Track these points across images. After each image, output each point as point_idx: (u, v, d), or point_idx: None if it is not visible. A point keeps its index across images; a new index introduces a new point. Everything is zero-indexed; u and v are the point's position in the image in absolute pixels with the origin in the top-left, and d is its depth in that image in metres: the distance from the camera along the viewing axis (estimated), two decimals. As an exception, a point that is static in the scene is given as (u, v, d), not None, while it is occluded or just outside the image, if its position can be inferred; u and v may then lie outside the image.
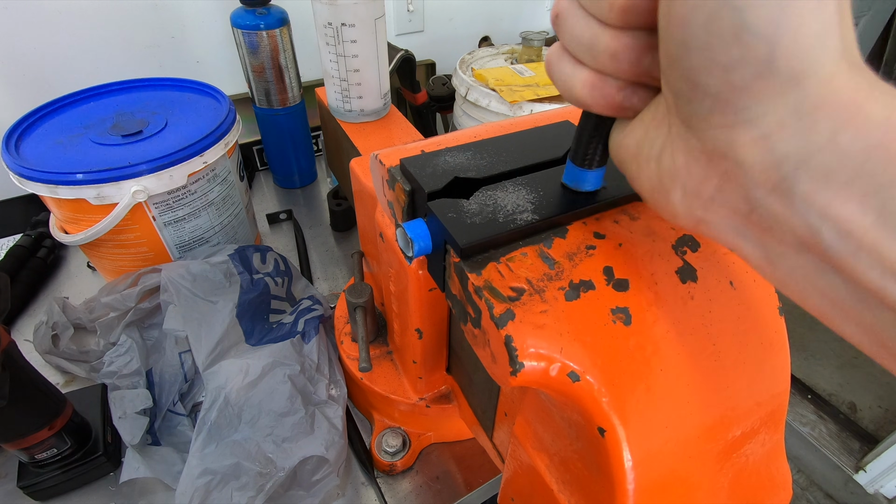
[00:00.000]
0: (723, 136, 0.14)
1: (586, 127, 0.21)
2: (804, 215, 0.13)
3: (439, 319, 0.36)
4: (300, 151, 0.78)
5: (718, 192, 0.15)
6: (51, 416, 0.39)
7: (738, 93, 0.13)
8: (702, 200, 0.15)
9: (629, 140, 0.18)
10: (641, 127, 0.17)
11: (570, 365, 0.19)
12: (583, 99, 0.18)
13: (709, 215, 0.15)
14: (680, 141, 0.15)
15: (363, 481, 0.44)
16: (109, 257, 0.53)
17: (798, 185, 0.13)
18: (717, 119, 0.14)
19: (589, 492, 0.22)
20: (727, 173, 0.14)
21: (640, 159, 0.17)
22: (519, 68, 0.74)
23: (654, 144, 0.16)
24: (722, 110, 0.13)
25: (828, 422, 1.36)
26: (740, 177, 0.14)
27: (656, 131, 0.16)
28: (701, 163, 0.15)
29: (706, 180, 0.15)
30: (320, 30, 0.51)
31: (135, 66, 0.73)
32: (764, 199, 0.13)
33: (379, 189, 0.30)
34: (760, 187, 0.13)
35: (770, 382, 0.22)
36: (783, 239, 0.14)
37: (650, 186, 0.17)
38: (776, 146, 0.13)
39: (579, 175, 0.23)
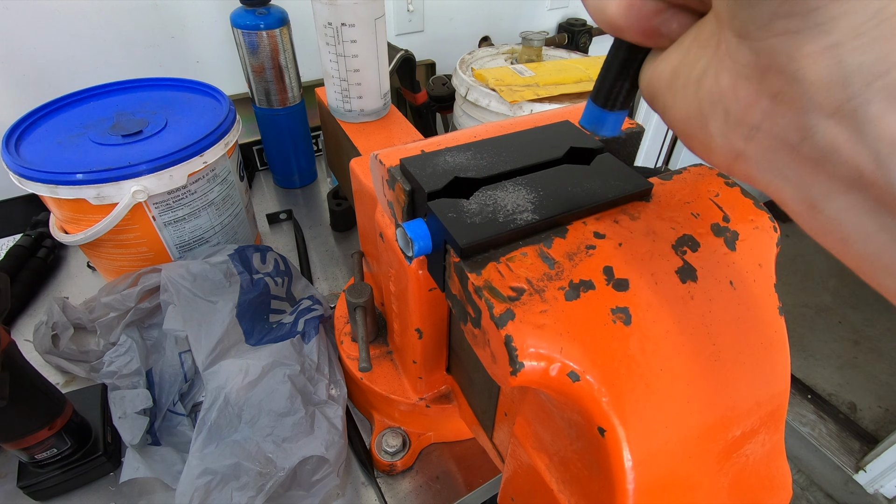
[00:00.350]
0: (784, 45, 0.12)
1: (616, 59, 0.19)
2: (871, 144, 0.11)
3: (439, 319, 0.36)
4: (300, 151, 0.78)
5: (767, 117, 0.13)
6: (51, 416, 0.39)
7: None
8: (745, 128, 0.13)
9: (664, 66, 0.16)
10: (681, 50, 0.15)
11: (570, 365, 0.19)
12: (616, 20, 0.16)
13: (750, 147, 0.14)
14: (728, 59, 0.13)
15: (363, 481, 0.44)
16: (109, 257, 0.53)
17: (867, 107, 0.11)
18: (780, 24, 0.12)
19: (589, 492, 0.22)
20: (781, 94, 0.12)
21: (676, 86, 0.15)
22: (519, 68, 0.74)
23: (694, 67, 0.15)
24: (788, 12, 0.11)
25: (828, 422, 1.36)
26: (797, 97, 0.12)
27: (699, 52, 0.15)
28: (752, 81, 0.13)
29: (755, 103, 0.13)
30: (320, 30, 0.51)
31: (135, 66, 0.73)
32: (821, 124, 0.12)
33: (379, 189, 0.30)
34: (820, 109, 0.12)
35: (770, 382, 0.22)
36: (836, 174, 0.12)
37: (686, 115, 0.15)
38: (847, 58, 0.11)
39: (599, 117, 0.21)
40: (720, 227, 0.24)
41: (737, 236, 0.24)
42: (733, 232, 0.24)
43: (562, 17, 1.12)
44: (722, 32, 0.14)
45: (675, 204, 0.25)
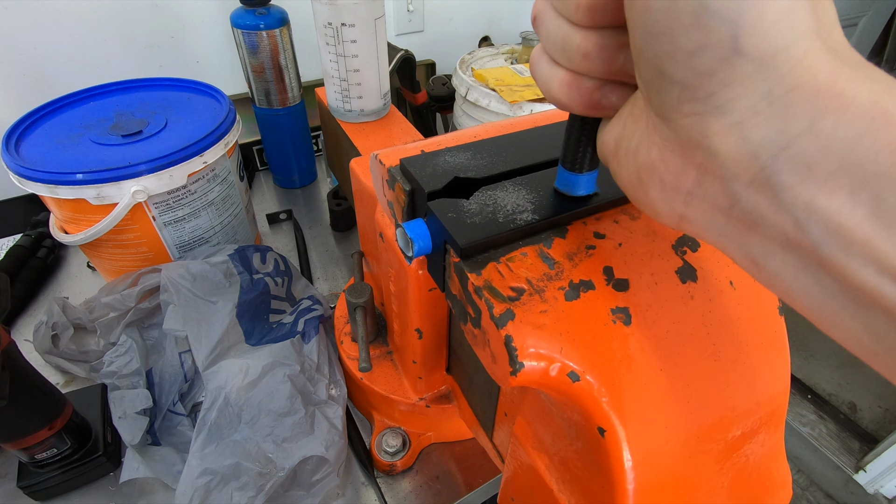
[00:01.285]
0: (695, 125, 0.13)
1: (573, 129, 0.20)
2: (788, 210, 0.12)
3: (439, 319, 0.36)
4: (300, 151, 0.78)
5: (697, 185, 0.14)
6: (51, 416, 0.39)
7: (704, 78, 0.12)
8: (681, 195, 0.15)
9: (609, 136, 0.17)
10: (619, 123, 0.17)
11: (570, 365, 0.19)
12: (560, 98, 0.18)
13: (690, 211, 0.15)
14: (655, 134, 0.15)
15: (363, 481, 0.44)
16: (109, 257, 0.53)
17: (778, 177, 0.12)
18: (686, 107, 0.13)
19: (589, 492, 0.22)
20: (703, 165, 0.13)
21: (619, 155, 0.17)
22: (519, 68, 0.74)
23: (631, 139, 0.16)
24: (691, 98, 0.13)
25: (828, 422, 1.36)
26: (717, 168, 0.13)
27: (634, 126, 0.16)
28: (677, 155, 0.14)
29: (683, 173, 0.14)
30: (320, 30, 0.51)
31: (135, 66, 0.73)
32: (744, 192, 0.13)
33: (379, 189, 0.30)
34: (738, 179, 0.13)
35: (770, 382, 0.22)
36: (767, 236, 0.13)
37: (630, 182, 0.16)
38: (750, 134, 0.12)
39: (571, 179, 0.23)
40: (720, 227, 0.24)
41: (737, 236, 0.24)
42: (733, 232, 0.24)
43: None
44: (647, 110, 0.15)
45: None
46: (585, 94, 0.17)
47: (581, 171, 0.22)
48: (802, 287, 0.13)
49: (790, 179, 0.12)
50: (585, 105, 0.17)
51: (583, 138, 0.20)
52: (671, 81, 0.13)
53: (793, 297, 0.13)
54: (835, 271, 0.12)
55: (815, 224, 0.12)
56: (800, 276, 0.13)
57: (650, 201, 0.16)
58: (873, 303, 0.11)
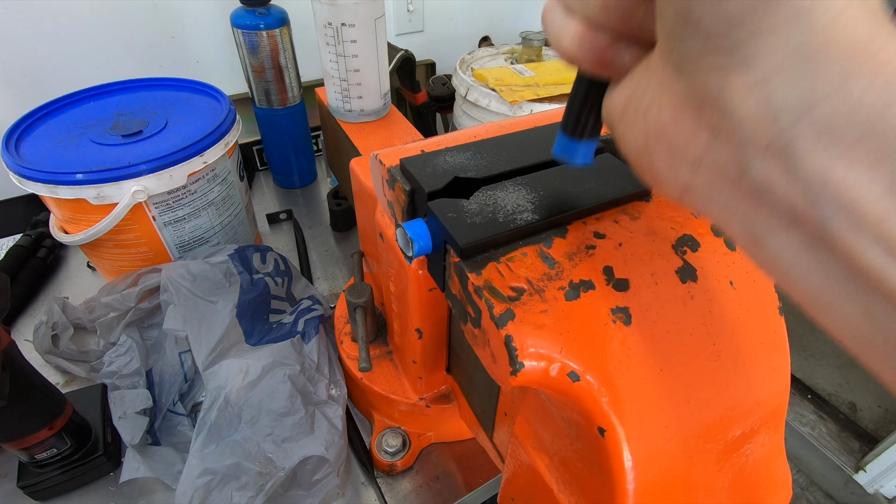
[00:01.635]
0: (715, 80, 0.12)
1: (578, 90, 0.19)
2: (802, 181, 0.11)
3: (439, 319, 0.36)
4: (300, 151, 0.78)
5: (707, 151, 0.13)
6: (51, 416, 0.39)
7: (733, 26, 0.11)
8: (688, 162, 0.14)
9: (618, 97, 0.16)
10: (631, 82, 0.16)
11: (570, 365, 0.19)
12: (571, 52, 0.17)
13: (695, 180, 0.14)
14: (669, 92, 0.14)
15: (363, 481, 0.44)
16: (109, 257, 0.53)
17: (797, 143, 0.11)
18: (708, 60, 0.12)
19: (589, 492, 0.22)
20: (717, 127, 0.13)
21: (627, 118, 0.16)
22: (519, 68, 0.74)
23: (642, 99, 0.15)
24: (715, 48, 0.12)
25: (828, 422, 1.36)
26: (732, 131, 0.12)
27: (646, 85, 0.15)
28: (690, 114, 0.13)
29: (694, 137, 0.13)
30: (320, 30, 0.51)
31: (135, 66, 0.73)
32: (756, 159, 0.12)
33: (379, 189, 0.30)
34: (753, 144, 0.12)
35: (770, 382, 0.22)
36: (774, 210, 0.12)
37: (636, 148, 0.16)
38: (774, 93, 0.11)
39: (569, 147, 0.21)
40: (720, 227, 0.24)
41: (737, 236, 0.24)
42: (733, 232, 0.24)
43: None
44: (663, 66, 0.14)
45: (675, 204, 0.25)
46: (598, 50, 0.16)
47: (581, 138, 0.21)
48: (802, 268, 0.12)
49: (809, 147, 0.11)
50: (596, 62, 0.16)
51: (588, 100, 0.19)
52: (696, 28, 0.12)
53: (790, 279, 0.13)
54: (840, 251, 0.11)
55: (828, 197, 0.11)
56: (801, 257, 0.12)
57: (655, 169, 0.15)
58: (877, 286, 0.11)
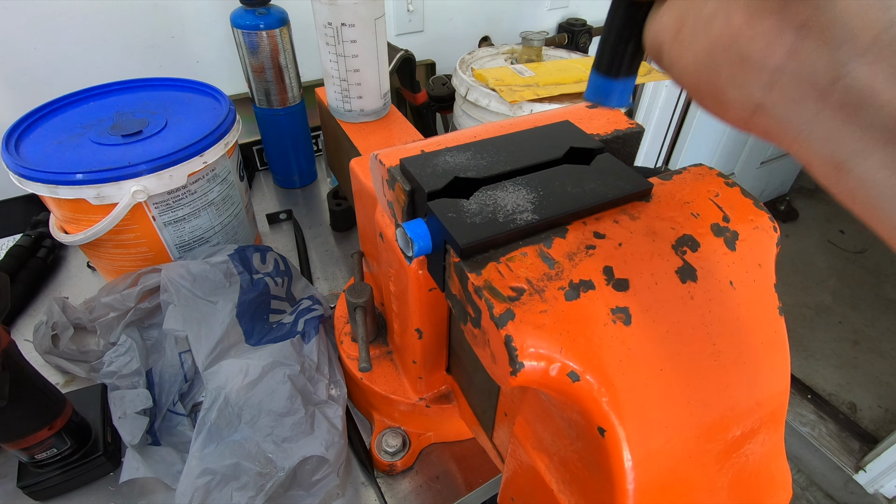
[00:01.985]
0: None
1: (616, 19, 0.18)
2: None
3: (439, 319, 0.36)
4: (300, 151, 0.78)
5: (791, 56, 0.11)
6: (51, 416, 0.39)
7: None
8: (766, 73, 0.12)
9: (669, 16, 0.15)
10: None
11: (570, 365, 0.19)
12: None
13: (771, 97, 0.12)
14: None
15: (363, 481, 0.44)
16: (109, 257, 0.53)
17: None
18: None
19: (589, 492, 0.22)
20: (809, 24, 0.11)
21: (683, 36, 0.14)
22: (519, 68, 0.74)
23: (702, 10, 0.13)
24: None
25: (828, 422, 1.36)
26: (828, 27, 0.10)
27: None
28: (771, 14, 0.11)
29: (776, 40, 0.11)
30: (320, 30, 0.51)
31: (135, 66, 0.73)
32: (856, 62, 0.10)
33: (379, 189, 0.30)
34: (854, 41, 0.10)
35: (770, 382, 0.22)
36: (872, 124, 0.10)
37: (695, 67, 0.14)
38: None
39: (604, 86, 0.19)
40: (720, 227, 0.24)
41: (737, 236, 0.24)
42: (733, 232, 0.24)
43: (562, 17, 1.12)
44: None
45: (675, 204, 0.25)
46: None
47: (618, 76, 0.19)
48: None
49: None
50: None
51: (627, 31, 0.17)
52: None
53: (880, 211, 0.11)
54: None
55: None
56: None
57: (718, 89, 0.13)
58: None
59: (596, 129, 0.31)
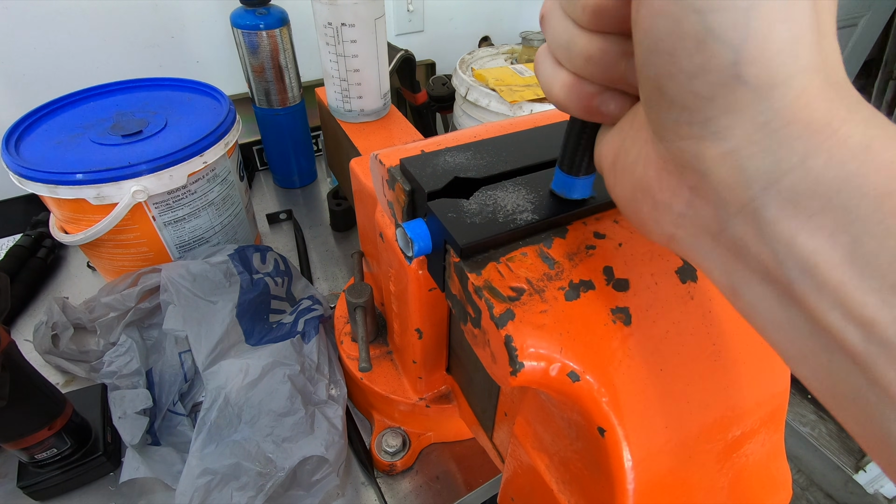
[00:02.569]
0: (691, 147, 0.13)
1: (572, 132, 0.20)
2: (770, 243, 0.12)
3: (439, 319, 0.36)
4: (300, 151, 0.78)
5: (689, 207, 0.14)
6: (51, 416, 0.39)
7: (703, 102, 0.12)
8: (672, 216, 0.15)
9: (607, 148, 0.17)
10: (619, 135, 0.17)
11: (570, 365, 0.19)
12: (560, 100, 0.18)
13: (680, 232, 0.15)
14: (653, 151, 0.15)
15: (363, 481, 0.44)
16: (109, 257, 0.53)
17: (766, 210, 0.12)
18: (684, 130, 0.13)
19: (589, 492, 0.22)
20: (696, 188, 0.13)
21: (616, 169, 0.17)
22: (519, 68, 0.74)
23: (629, 153, 0.16)
24: (688, 121, 0.13)
25: (828, 422, 1.36)
26: (709, 193, 0.13)
27: (633, 140, 0.16)
28: (672, 175, 0.14)
29: (677, 194, 0.14)
30: (320, 30, 0.51)
31: (135, 66, 0.73)
32: (732, 220, 0.13)
33: (379, 189, 0.30)
34: (728, 207, 0.13)
35: (770, 382, 0.22)
36: (749, 266, 0.13)
37: (624, 198, 0.16)
38: (745, 163, 0.12)
39: (567, 182, 0.23)
40: (720, 227, 0.24)
41: (737, 236, 0.24)
42: (733, 232, 0.24)
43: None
44: (647, 126, 0.15)
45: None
46: (585, 99, 0.17)
47: (578, 175, 0.22)
48: (776, 321, 0.13)
49: (776, 214, 0.12)
50: (584, 109, 0.17)
51: (581, 143, 0.20)
52: (671, 101, 0.13)
53: (766, 329, 0.14)
54: (806, 310, 0.12)
55: (793, 261, 0.12)
56: (775, 310, 0.13)
57: (641, 219, 0.16)
58: (838, 346, 0.11)
59: (596, 129, 0.31)
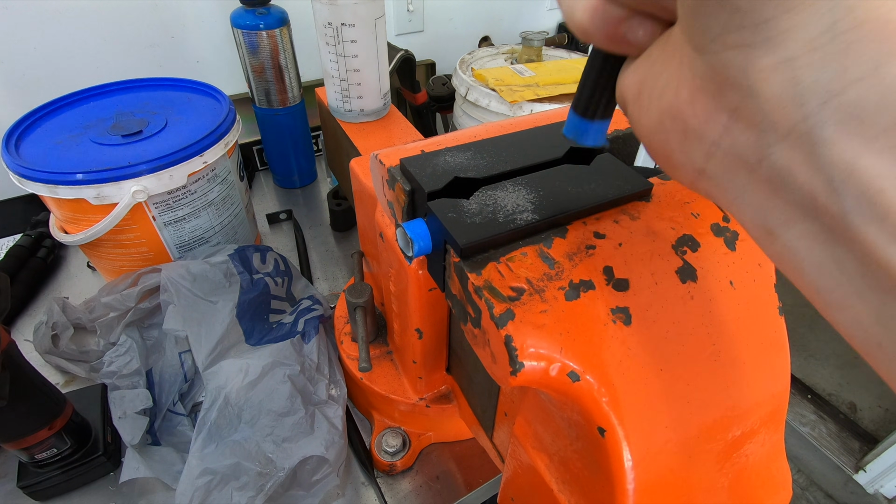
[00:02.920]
0: (738, 58, 0.11)
1: (592, 68, 0.19)
2: (824, 169, 0.11)
3: (439, 319, 0.36)
4: (300, 151, 0.78)
5: (725, 134, 0.12)
6: (51, 416, 0.39)
7: (760, 1, 0.11)
8: (704, 145, 0.13)
9: (632, 78, 0.16)
10: (647, 62, 0.15)
11: (570, 365, 0.19)
12: (583, 25, 0.16)
13: (710, 165, 0.13)
14: (688, 71, 0.13)
15: (363, 481, 0.44)
16: (109, 257, 0.53)
17: (822, 129, 0.10)
18: (732, 37, 0.11)
19: (589, 492, 0.22)
20: (738, 109, 0.12)
21: (641, 99, 0.15)
22: (519, 68, 0.74)
23: (658, 79, 0.14)
24: (740, 25, 0.11)
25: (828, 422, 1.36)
26: (753, 113, 0.12)
27: (663, 64, 0.14)
28: (708, 96, 0.13)
29: (712, 119, 0.13)
30: (320, 30, 0.51)
31: (135, 66, 0.73)
32: (777, 145, 0.11)
33: (379, 189, 0.30)
34: (775, 129, 0.11)
35: (770, 382, 0.22)
36: (792, 200, 0.12)
37: (649, 129, 0.15)
38: (801, 74, 0.10)
39: (580, 126, 0.21)
40: (720, 226, 0.24)
41: (737, 236, 0.24)
42: (733, 232, 0.24)
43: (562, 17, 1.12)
44: (681, 45, 0.13)
45: (675, 204, 0.25)
46: (610, 24, 0.15)
47: (593, 118, 0.20)
48: (816, 263, 0.12)
49: (835, 134, 0.10)
50: (608, 37, 0.16)
51: (601, 79, 0.18)
52: (720, 3, 0.11)
53: (802, 274, 0.12)
54: (859, 246, 0.11)
55: (852, 188, 0.10)
56: (816, 251, 0.12)
57: (668, 151, 0.15)
58: (893, 286, 0.10)
59: (596, 129, 0.31)
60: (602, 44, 0.16)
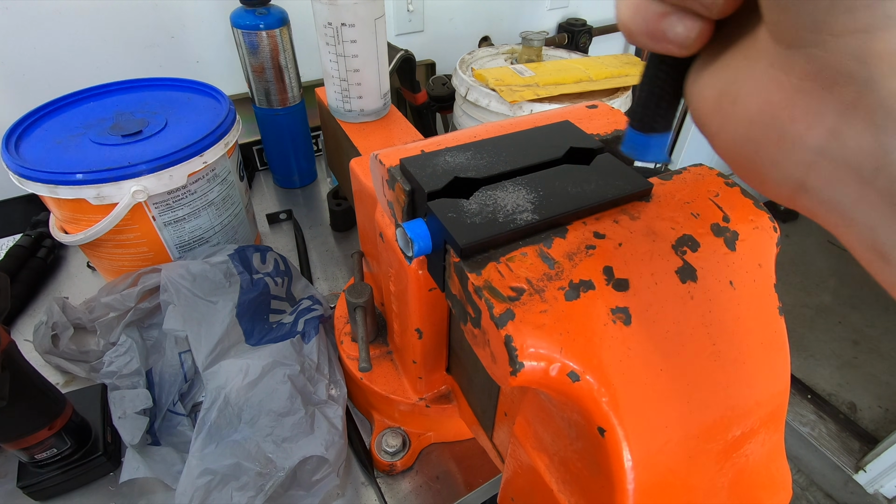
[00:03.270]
0: (850, 46, 0.09)
1: (649, 77, 0.17)
2: None
3: (439, 319, 0.36)
4: (300, 151, 0.78)
5: (833, 137, 0.10)
6: (51, 416, 0.39)
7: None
8: (806, 153, 0.11)
9: (709, 88, 0.14)
10: (726, 70, 0.14)
11: (570, 365, 0.19)
12: (625, 20, 0.15)
13: (812, 177, 0.11)
14: (780, 72, 0.11)
15: (363, 481, 0.44)
16: (109, 257, 0.53)
17: None
18: (842, 21, 0.09)
19: (589, 492, 0.22)
20: (853, 105, 0.10)
21: (723, 109, 0.13)
22: (519, 68, 0.74)
23: (741, 86, 0.13)
24: (849, 6, 0.09)
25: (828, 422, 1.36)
26: (871, 111, 0.10)
27: (747, 71, 0.13)
28: (812, 94, 0.11)
29: (817, 121, 0.11)
30: (320, 30, 0.51)
31: (135, 66, 0.73)
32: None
33: (379, 189, 0.30)
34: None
35: (770, 382, 0.22)
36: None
37: (734, 142, 0.13)
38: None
39: (638, 141, 0.19)
40: (720, 227, 0.24)
41: (737, 236, 0.24)
42: (733, 232, 0.24)
43: (562, 17, 1.12)
44: (775, 45, 0.12)
45: (675, 204, 0.25)
46: (651, 20, 0.14)
47: (651, 132, 0.18)
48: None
49: None
50: (649, 34, 0.15)
51: (656, 87, 0.17)
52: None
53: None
54: None
55: None
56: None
57: (759, 165, 0.13)
58: None
59: (596, 129, 0.31)
60: (643, 42, 0.15)
